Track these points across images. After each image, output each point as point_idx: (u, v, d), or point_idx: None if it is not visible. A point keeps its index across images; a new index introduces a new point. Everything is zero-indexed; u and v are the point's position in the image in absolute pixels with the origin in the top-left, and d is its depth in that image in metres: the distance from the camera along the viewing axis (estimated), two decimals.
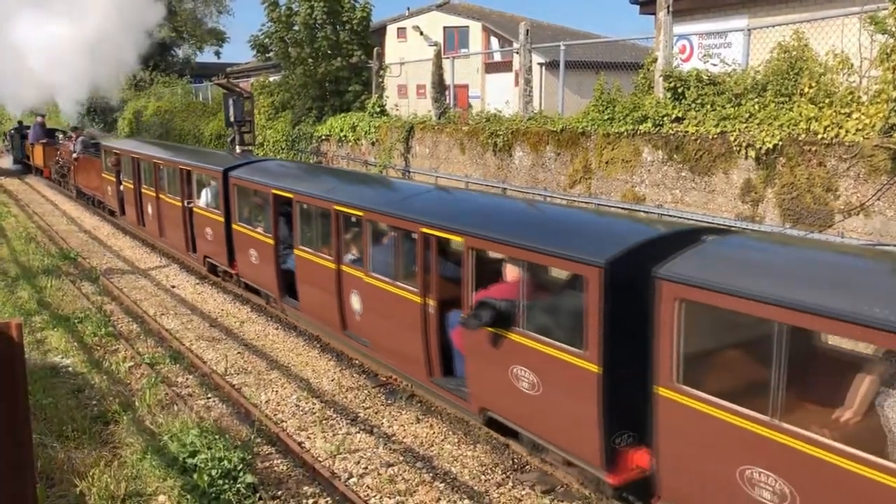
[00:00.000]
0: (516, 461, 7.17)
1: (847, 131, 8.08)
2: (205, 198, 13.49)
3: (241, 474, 6.51)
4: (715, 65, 10.28)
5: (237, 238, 12.22)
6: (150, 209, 16.23)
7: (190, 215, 14.06)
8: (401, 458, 7.25)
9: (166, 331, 11.11)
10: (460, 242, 7.17)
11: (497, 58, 28.65)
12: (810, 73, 8.85)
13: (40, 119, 31.11)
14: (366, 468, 7.09)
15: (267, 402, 8.65)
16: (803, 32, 9.32)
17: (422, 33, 28.13)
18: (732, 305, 4.94)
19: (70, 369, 9.50)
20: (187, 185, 14.08)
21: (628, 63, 16.03)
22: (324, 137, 19.83)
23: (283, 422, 8.12)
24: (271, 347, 10.48)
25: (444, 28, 30.75)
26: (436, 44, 22.36)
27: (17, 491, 4.04)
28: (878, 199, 7.87)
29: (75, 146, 23.73)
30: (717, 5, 13.54)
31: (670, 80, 10.30)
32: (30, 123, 32.04)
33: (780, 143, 8.68)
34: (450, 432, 7.79)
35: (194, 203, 13.82)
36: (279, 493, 6.62)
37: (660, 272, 5.38)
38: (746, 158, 9.09)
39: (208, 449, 6.76)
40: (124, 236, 18.81)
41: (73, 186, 25.03)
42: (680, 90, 10.19)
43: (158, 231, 15.95)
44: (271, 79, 24.91)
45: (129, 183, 17.52)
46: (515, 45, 16.99)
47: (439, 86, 16.50)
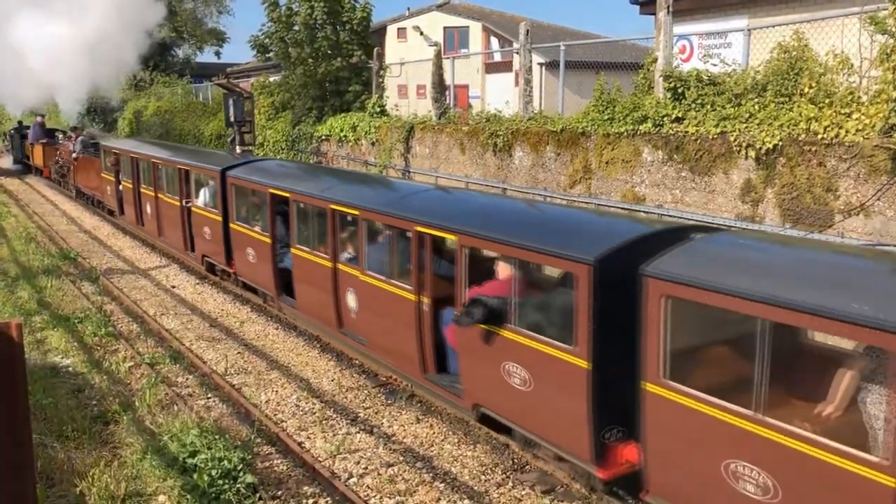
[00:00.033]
0: (516, 461, 7.17)
1: (847, 131, 8.08)
2: (203, 197, 13.52)
3: (241, 474, 6.52)
4: (715, 65, 10.27)
5: (235, 237, 12.24)
6: (149, 209, 16.24)
7: (188, 215, 14.09)
8: (401, 458, 7.25)
9: (166, 331, 11.11)
10: (454, 241, 7.24)
11: (497, 58, 28.65)
12: (810, 73, 8.85)
13: (40, 119, 31.15)
14: (366, 468, 7.09)
15: (267, 402, 8.65)
16: (803, 32, 9.31)
17: (422, 33, 28.12)
18: (717, 302, 5.03)
19: (70, 369, 9.50)
20: (186, 184, 14.10)
21: (628, 63, 16.02)
22: (324, 137, 19.83)
23: (283, 422, 8.12)
24: (271, 347, 10.48)
25: (444, 28, 30.75)
26: (436, 44, 22.35)
27: (17, 491, 4.04)
28: (878, 200, 7.87)
29: (75, 146, 23.77)
30: (717, 5, 13.53)
31: (670, 80, 10.30)
32: (30, 123, 32.07)
33: (780, 143, 8.69)
34: (450, 432, 7.79)
35: (192, 202, 13.85)
36: (279, 493, 6.63)
37: (646, 270, 5.46)
38: (746, 158, 9.09)
39: (208, 449, 6.76)
40: (124, 236, 18.81)
41: (72, 186, 25.05)
42: (680, 90, 10.19)
43: (157, 230, 15.97)
44: (271, 79, 24.91)
45: (128, 183, 17.54)
46: (515, 45, 16.99)
47: (439, 86, 16.50)
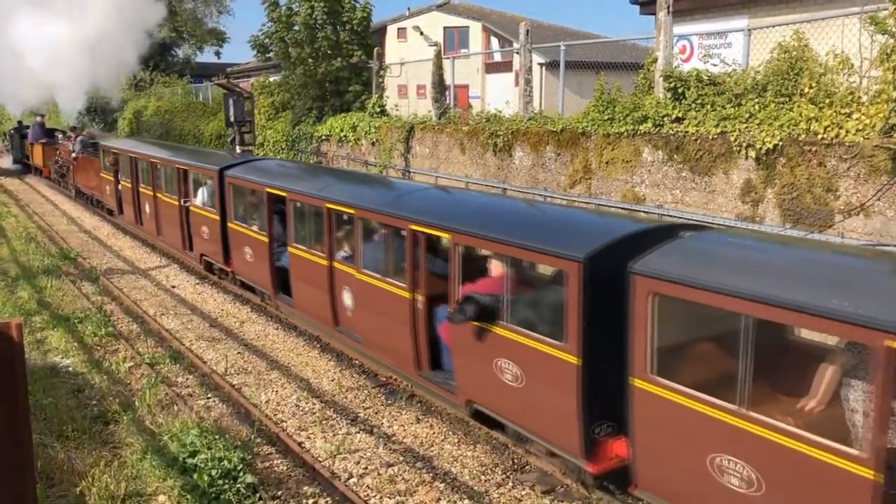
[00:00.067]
0: (516, 461, 7.17)
1: (847, 131, 8.08)
2: (201, 197, 13.58)
3: (241, 474, 6.52)
4: (715, 65, 10.27)
5: (232, 236, 12.31)
6: (148, 208, 16.28)
7: (186, 214, 14.15)
8: (401, 458, 7.25)
9: (166, 331, 11.11)
10: (448, 239, 7.31)
11: (497, 58, 28.64)
12: (810, 73, 8.85)
13: (40, 119, 31.17)
14: (366, 468, 7.09)
15: (267, 402, 8.65)
16: (803, 33, 9.31)
17: (422, 33, 28.11)
18: (703, 299, 5.11)
19: (70, 369, 9.50)
20: (184, 184, 14.15)
21: (628, 63, 16.02)
22: (324, 137, 19.82)
23: (283, 422, 8.12)
24: (271, 347, 10.48)
25: (445, 28, 30.75)
26: (436, 44, 22.34)
27: (17, 491, 4.04)
28: (878, 200, 7.87)
29: (74, 146, 23.80)
30: (717, 5, 13.53)
31: (670, 80, 10.30)
32: (29, 123, 32.08)
33: (781, 143, 8.68)
34: (450, 432, 7.79)
35: (191, 202, 13.91)
36: (279, 493, 6.62)
37: (634, 267, 5.54)
38: (746, 159, 9.09)
39: (208, 449, 6.76)
40: (124, 236, 18.81)
41: (72, 186, 25.07)
42: (680, 90, 10.19)
43: (156, 230, 16.02)
44: (271, 79, 24.90)
45: (127, 182, 17.58)
46: (515, 46, 16.98)
47: (439, 86, 16.49)
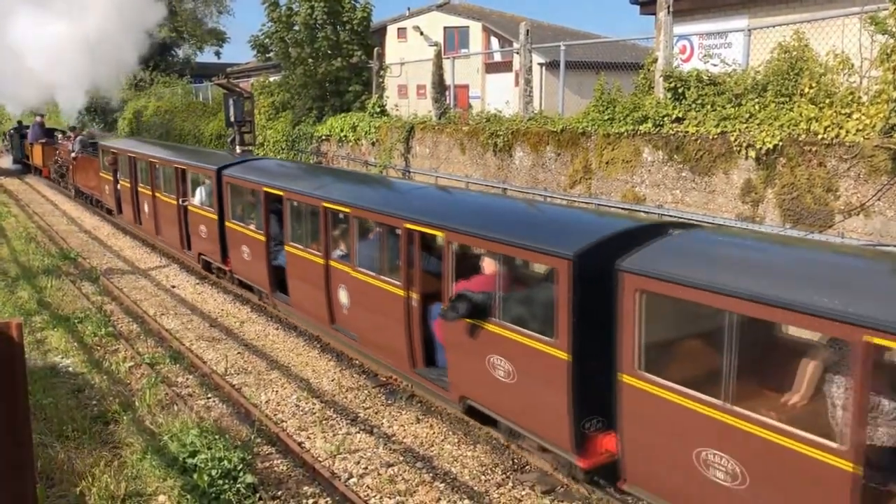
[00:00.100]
0: (516, 461, 7.17)
1: (847, 132, 8.08)
2: (199, 196, 13.64)
3: (241, 474, 6.52)
4: (715, 65, 10.27)
5: (230, 235, 12.38)
6: (147, 207, 16.32)
7: (185, 213, 14.21)
8: (401, 459, 7.25)
9: (166, 331, 11.11)
10: (442, 237, 7.39)
11: (497, 58, 28.63)
12: (810, 73, 8.84)
13: (39, 119, 31.18)
14: (366, 468, 7.08)
15: (267, 402, 8.65)
16: (803, 33, 9.31)
17: (422, 33, 28.09)
18: (688, 296, 5.20)
19: (70, 369, 9.50)
20: (182, 183, 14.21)
21: (629, 63, 16.01)
22: (324, 137, 19.82)
23: (283, 422, 8.12)
24: (271, 347, 10.48)
25: (445, 28, 30.73)
26: (436, 44, 22.31)
27: (17, 491, 4.04)
28: (879, 200, 7.87)
29: (74, 146, 23.82)
30: (718, 5, 13.53)
31: (670, 80, 10.29)
32: (29, 123, 32.08)
33: (781, 143, 8.68)
34: (450, 432, 7.79)
35: (189, 201, 13.96)
36: (279, 493, 6.62)
37: (622, 265, 5.62)
38: (747, 159, 9.08)
39: (208, 449, 6.77)
40: (124, 236, 18.81)
41: (71, 185, 25.10)
42: (680, 90, 10.19)
43: (154, 229, 16.07)
44: (271, 79, 24.89)
45: (126, 182, 17.63)
46: (515, 46, 16.97)
47: (439, 86, 16.49)
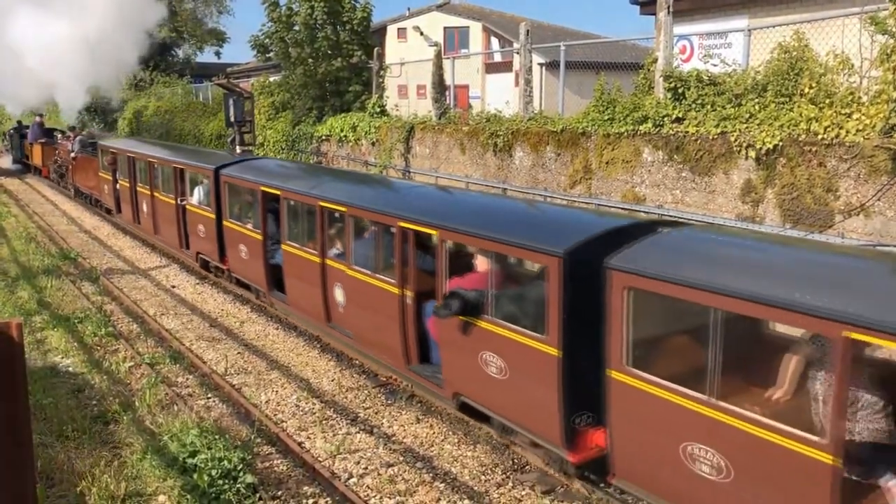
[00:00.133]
0: (516, 461, 7.17)
1: (847, 132, 8.08)
2: (197, 195, 13.68)
3: (241, 474, 6.52)
4: (715, 65, 10.27)
5: (228, 234, 12.44)
6: (145, 207, 16.36)
7: (183, 213, 14.26)
8: (401, 459, 7.25)
9: (166, 331, 11.11)
10: (435, 235, 7.47)
11: (497, 58, 28.63)
12: (810, 73, 8.84)
13: (39, 119, 31.18)
14: (366, 468, 7.08)
15: (267, 402, 8.65)
16: (803, 33, 9.31)
17: (422, 34, 28.10)
18: (674, 293, 5.30)
19: (70, 369, 9.50)
20: (180, 183, 14.26)
21: (629, 63, 16.00)
22: (324, 137, 19.82)
23: (283, 422, 8.11)
24: (271, 347, 10.48)
25: (445, 28, 30.73)
26: (436, 44, 22.33)
27: (17, 491, 4.04)
28: (879, 200, 7.87)
29: (73, 145, 23.84)
30: (718, 6, 13.53)
31: (670, 80, 10.29)
32: (29, 123, 32.08)
33: (781, 143, 8.68)
34: (450, 432, 7.79)
35: (187, 201, 14.00)
36: (279, 493, 6.62)
37: (610, 262, 5.71)
38: (747, 159, 9.08)
39: (208, 449, 6.76)
40: (124, 236, 18.80)
41: (70, 185, 25.11)
42: (680, 90, 10.19)
43: (153, 228, 16.12)
44: (271, 79, 24.89)
45: (125, 181, 17.67)
46: (516, 46, 16.97)
47: (439, 86, 16.49)
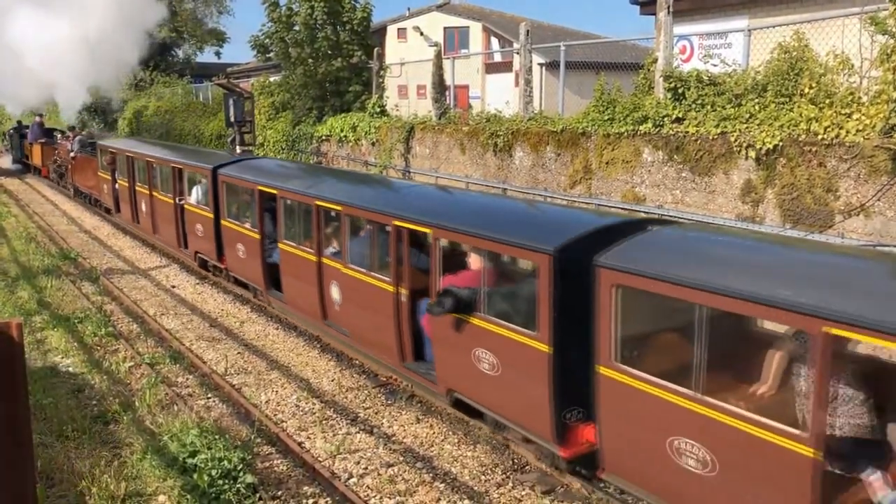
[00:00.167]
0: (516, 461, 7.17)
1: (847, 132, 8.08)
2: (195, 195, 13.73)
3: (241, 474, 6.52)
4: (715, 65, 10.27)
5: (225, 233, 12.49)
6: (144, 206, 16.39)
7: (181, 212, 14.30)
8: (401, 459, 7.25)
9: (166, 331, 11.11)
10: (429, 234, 7.53)
11: (497, 58, 28.63)
12: (810, 73, 8.84)
13: (39, 119, 31.19)
14: (366, 468, 7.09)
15: (267, 402, 8.65)
16: (803, 33, 9.31)
17: (422, 34, 28.10)
18: (661, 290, 5.39)
19: (70, 369, 9.50)
20: (179, 182, 14.30)
21: (629, 63, 16.00)
22: (324, 138, 19.82)
23: (283, 422, 8.11)
24: (271, 347, 10.48)
25: (445, 28, 30.72)
26: (436, 44, 22.32)
27: (17, 491, 4.04)
28: (879, 200, 7.87)
29: (73, 145, 23.86)
30: (718, 6, 13.53)
31: (670, 80, 10.29)
32: (29, 123, 32.09)
33: (781, 143, 8.68)
34: (450, 432, 7.79)
35: (185, 200, 14.04)
36: (279, 493, 6.62)
37: (599, 260, 5.77)
38: (747, 159, 9.08)
39: (208, 449, 6.76)
40: (124, 236, 18.81)
41: (70, 185, 25.13)
42: (680, 91, 10.19)
43: (152, 228, 16.16)
44: (272, 79, 24.90)
45: (124, 181, 17.71)
46: (516, 46, 16.97)
47: (439, 86, 16.49)
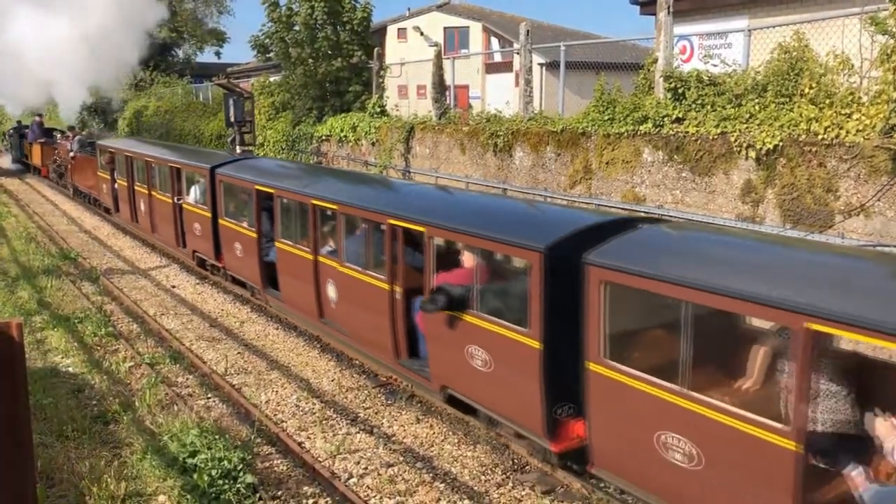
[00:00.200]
0: (516, 461, 7.17)
1: (847, 132, 8.08)
2: (193, 194, 13.78)
3: (241, 474, 6.52)
4: (715, 65, 10.26)
5: (223, 232, 12.54)
6: (143, 206, 16.43)
7: (180, 211, 14.36)
8: (401, 459, 7.25)
9: (166, 331, 11.11)
10: (423, 232, 7.60)
11: (497, 58, 28.63)
12: (811, 73, 8.84)
13: (38, 119, 31.19)
14: (366, 468, 7.09)
15: (267, 402, 8.65)
16: (804, 33, 9.31)
17: (422, 34, 28.09)
18: (648, 287, 5.48)
19: (70, 369, 9.50)
20: (177, 182, 14.35)
21: (629, 63, 16.00)
22: (324, 138, 19.81)
23: (283, 422, 8.11)
24: (271, 347, 10.48)
25: (445, 28, 30.73)
26: (436, 44, 22.31)
27: (17, 491, 4.04)
28: (879, 200, 7.87)
29: (72, 145, 23.88)
30: (718, 6, 13.52)
31: (671, 80, 10.29)
32: (29, 123, 32.09)
33: (781, 143, 8.68)
34: (450, 432, 7.79)
35: (184, 199, 14.10)
36: (279, 493, 6.62)
37: (587, 258, 5.84)
38: (747, 159, 9.08)
39: (208, 449, 6.76)
40: (124, 236, 18.81)
41: (69, 185, 25.14)
42: (680, 91, 10.19)
43: (150, 227, 16.20)
44: (272, 79, 24.89)
45: (123, 181, 17.74)
46: (516, 46, 16.97)
47: (440, 86, 16.48)
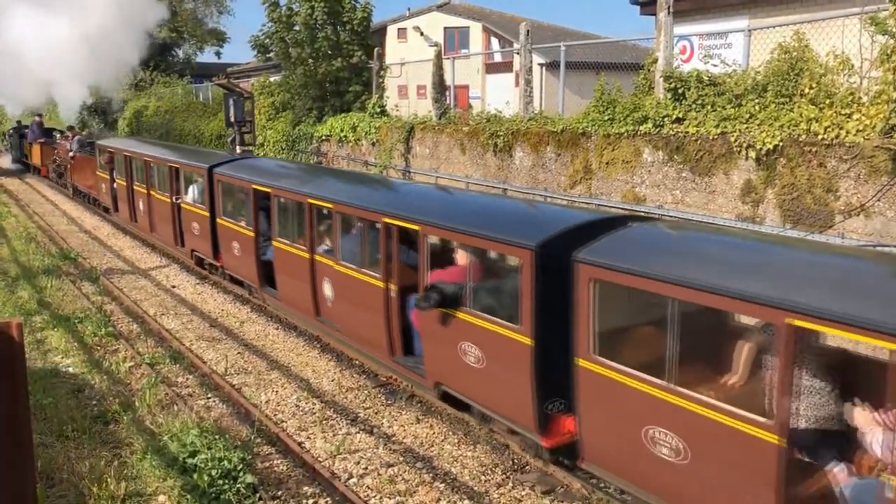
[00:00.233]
0: (516, 461, 7.17)
1: (847, 132, 8.08)
2: (192, 194, 13.84)
3: (241, 474, 6.52)
4: (715, 65, 10.26)
5: (221, 231, 12.61)
6: (142, 205, 16.48)
7: (178, 211, 14.42)
8: (401, 459, 7.25)
9: (166, 331, 11.11)
10: (417, 230, 7.67)
11: (497, 58, 28.64)
12: (811, 73, 8.84)
13: (38, 119, 31.20)
14: (366, 468, 7.09)
15: (267, 402, 8.65)
16: (804, 33, 9.31)
17: (422, 34, 28.09)
18: (635, 284, 5.60)
19: (70, 369, 9.50)
20: (175, 181, 14.41)
21: (629, 63, 15.99)
22: (324, 138, 19.81)
23: (283, 422, 8.12)
24: (271, 347, 10.48)
25: (445, 28, 30.74)
26: (436, 44, 22.30)
27: (17, 491, 4.04)
28: (879, 200, 7.87)
29: (72, 145, 23.90)
30: (718, 6, 13.52)
31: (671, 80, 10.29)
32: (29, 123, 32.10)
33: (781, 143, 8.68)
34: (450, 432, 7.79)
35: (182, 199, 14.15)
36: (279, 493, 6.62)
37: (577, 255, 5.93)
38: (747, 159, 9.08)
39: (208, 449, 6.76)
40: (124, 236, 18.81)
41: (69, 184, 25.16)
42: (680, 91, 10.19)
43: (149, 226, 16.24)
44: (272, 79, 24.89)
45: (122, 180, 17.78)
46: (516, 46, 16.96)
47: (440, 86, 16.48)
